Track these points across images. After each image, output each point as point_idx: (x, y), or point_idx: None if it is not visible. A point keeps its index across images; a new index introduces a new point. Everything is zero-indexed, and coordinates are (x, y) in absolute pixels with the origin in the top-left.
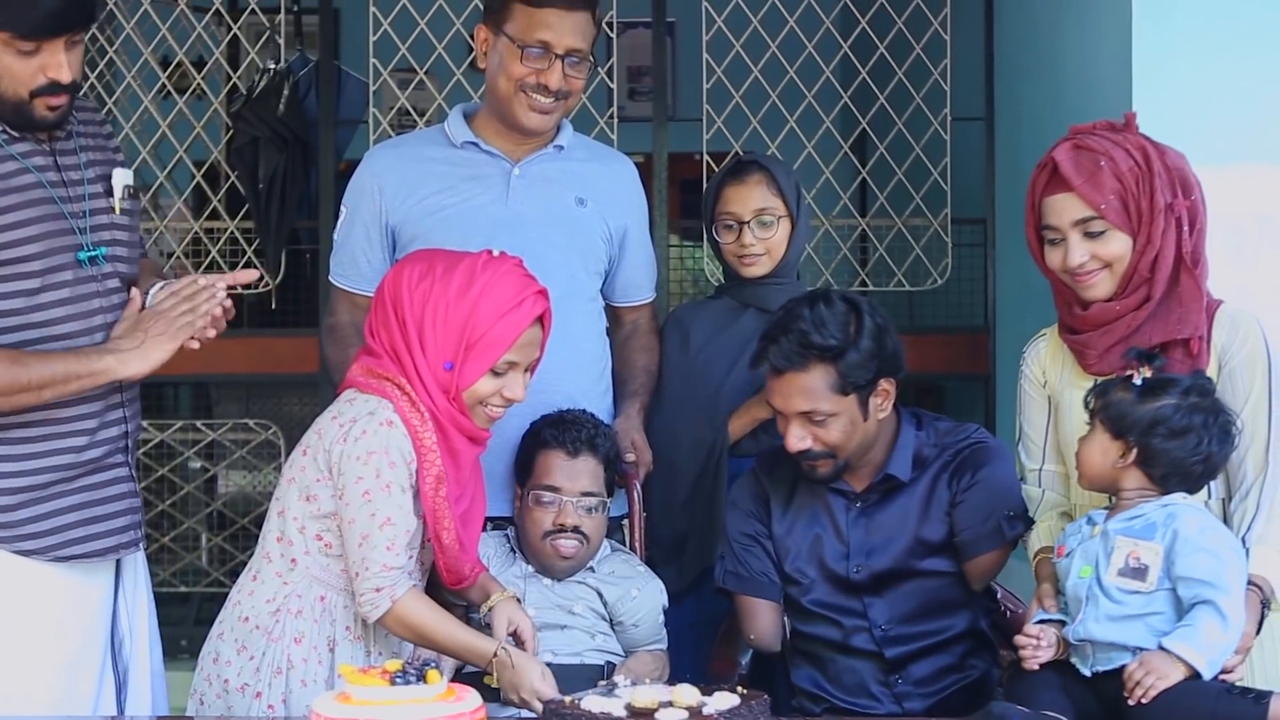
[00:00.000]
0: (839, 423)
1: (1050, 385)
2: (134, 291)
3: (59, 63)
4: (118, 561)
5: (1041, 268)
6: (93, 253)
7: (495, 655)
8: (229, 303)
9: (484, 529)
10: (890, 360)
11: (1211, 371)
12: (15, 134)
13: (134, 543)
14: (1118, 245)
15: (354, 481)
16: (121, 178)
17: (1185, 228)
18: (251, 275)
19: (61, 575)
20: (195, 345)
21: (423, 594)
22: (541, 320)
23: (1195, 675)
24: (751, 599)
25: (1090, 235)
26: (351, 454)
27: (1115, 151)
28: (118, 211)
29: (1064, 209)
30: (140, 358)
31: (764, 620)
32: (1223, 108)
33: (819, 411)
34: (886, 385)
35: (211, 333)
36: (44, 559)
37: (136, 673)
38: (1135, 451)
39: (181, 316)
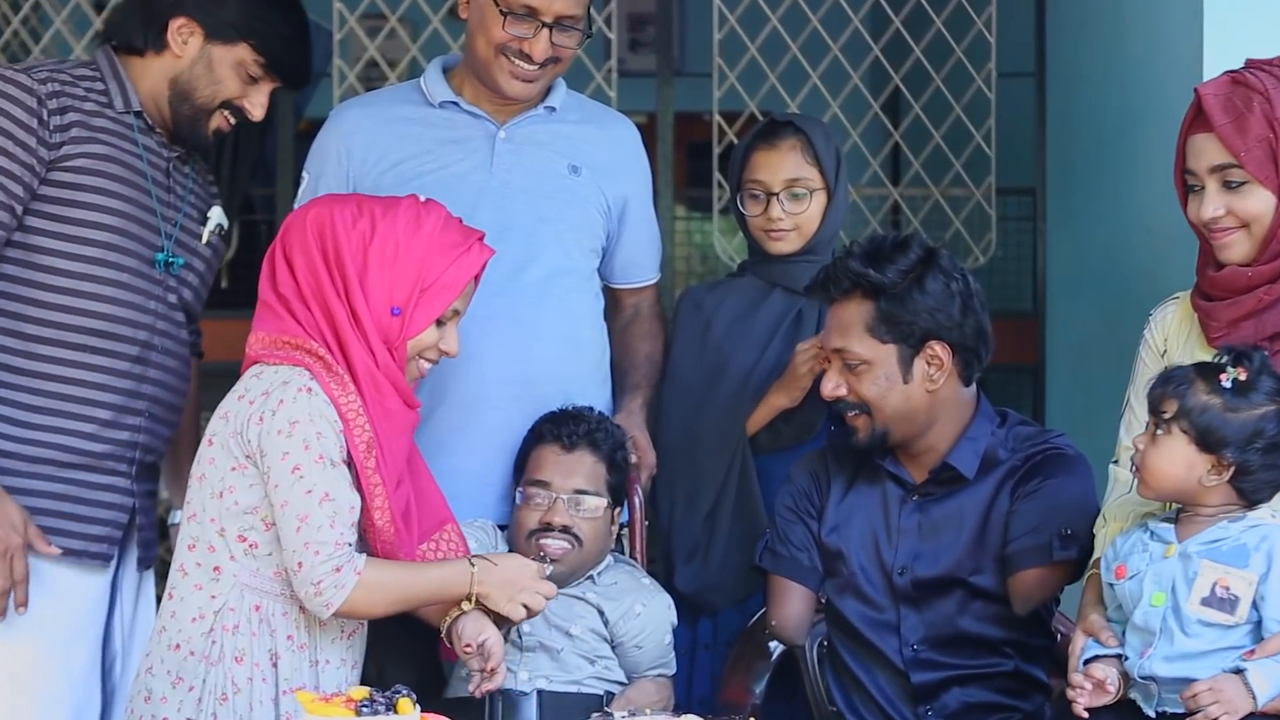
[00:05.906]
0: (873, 374)
1: (1170, 356)
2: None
3: (261, 101)
4: (115, 576)
5: (1187, 218)
6: (170, 258)
7: (472, 566)
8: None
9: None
10: (948, 324)
11: None
12: (151, 126)
13: (106, 555)
14: (1257, 202)
15: (280, 459)
16: (217, 215)
17: None
18: None
19: (49, 566)
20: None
21: (378, 559)
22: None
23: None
24: (783, 580)
25: (1228, 186)
26: (272, 429)
27: (1276, 93)
28: (204, 241)
29: (1203, 152)
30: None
31: (792, 607)
32: None
33: (851, 352)
34: (938, 350)
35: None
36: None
37: (123, 695)
38: (1232, 470)
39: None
